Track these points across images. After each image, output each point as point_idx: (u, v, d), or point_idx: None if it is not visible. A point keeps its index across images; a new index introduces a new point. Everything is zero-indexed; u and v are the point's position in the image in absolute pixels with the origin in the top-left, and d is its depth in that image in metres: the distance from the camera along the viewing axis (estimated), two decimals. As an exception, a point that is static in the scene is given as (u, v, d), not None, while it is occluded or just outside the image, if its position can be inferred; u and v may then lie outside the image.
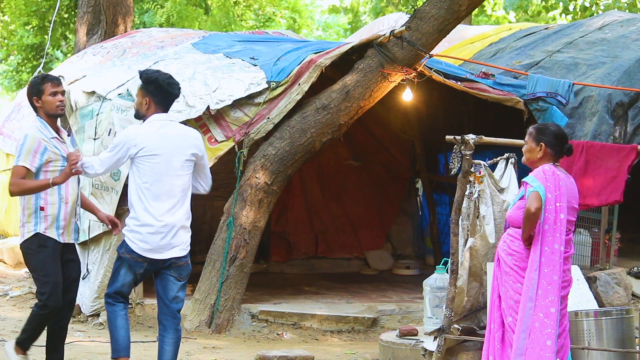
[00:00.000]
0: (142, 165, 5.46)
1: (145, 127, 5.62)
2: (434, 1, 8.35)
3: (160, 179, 5.45)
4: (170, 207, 5.47)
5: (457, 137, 6.68)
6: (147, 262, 5.48)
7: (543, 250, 5.27)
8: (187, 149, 5.56)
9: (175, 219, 5.49)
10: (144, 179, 5.46)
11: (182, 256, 5.55)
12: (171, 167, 5.48)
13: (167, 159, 5.47)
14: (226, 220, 8.51)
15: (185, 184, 5.56)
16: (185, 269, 5.59)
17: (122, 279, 5.53)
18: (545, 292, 5.24)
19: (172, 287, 5.54)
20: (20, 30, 19.64)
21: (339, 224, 12.07)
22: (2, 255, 11.03)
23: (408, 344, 6.96)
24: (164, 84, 5.56)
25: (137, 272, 5.52)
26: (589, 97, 10.30)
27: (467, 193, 6.67)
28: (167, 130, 5.55)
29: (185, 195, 5.57)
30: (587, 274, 8.51)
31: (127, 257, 5.50)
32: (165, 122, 5.59)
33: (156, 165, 5.45)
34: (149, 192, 5.45)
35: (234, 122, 8.47)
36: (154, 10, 18.66)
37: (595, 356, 5.85)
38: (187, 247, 5.58)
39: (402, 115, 11.64)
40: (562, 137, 5.50)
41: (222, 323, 8.33)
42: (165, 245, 5.46)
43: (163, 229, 5.44)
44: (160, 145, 5.48)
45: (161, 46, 10.28)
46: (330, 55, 8.73)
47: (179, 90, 5.66)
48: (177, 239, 5.49)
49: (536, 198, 5.23)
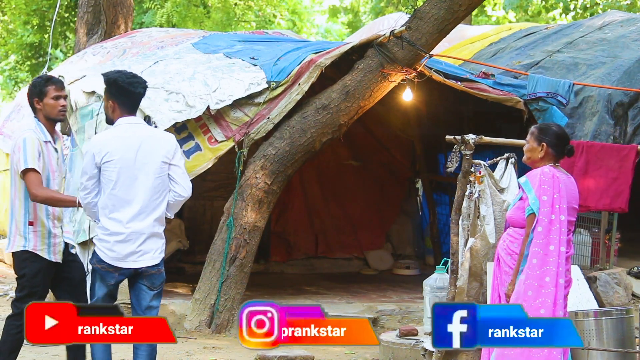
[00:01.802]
0: (106, 172, 5.19)
1: (109, 132, 5.39)
2: (434, 1, 8.35)
3: (124, 185, 5.17)
4: (137, 213, 5.19)
5: (457, 137, 6.69)
6: (118, 272, 5.23)
7: (536, 252, 5.28)
8: (154, 153, 5.23)
9: (144, 226, 5.21)
10: (109, 185, 5.19)
11: (154, 265, 5.27)
12: (136, 172, 5.18)
13: (130, 164, 5.18)
14: (226, 220, 8.51)
15: (155, 189, 5.23)
16: (158, 277, 5.31)
17: (97, 293, 5.29)
18: (536, 294, 5.24)
19: (144, 297, 5.28)
20: (20, 30, 19.66)
21: (339, 224, 12.07)
22: (2, 255, 11.02)
23: (408, 344, 6.96)
24: (124, 84, 5.24)
25: (109, 282, 5.25)
26: (589, 97, 10.30)
27: (467, 193, 6.68)
28: (132, 134, 5.24)
29: (157, 200, 5.25)
30: (587, 274, 8.51)
31: (97, 268, 5.26)
32: (132, 125, 5.28)
33: (119, 170, 5.16)
34: (115, 198, 5.19)
35: (234, 122, 8.47)
36: (154, 10, 18.67)
37: (595, 356, 5.86)
38: (159, 255, 5.31)
39: (402, 115, 11.64)
40: (563, 137, 5.50)
41: (222, 323, 8.34)
42: (134, 253, 5.20)
43: (131, 236, 5.18)
44: (123, 150, 5.17)
45: (161, 46, 10.28)
46: (330, 55, 8.74)
47: (143, 89, 5.32)
48: (147, 247, 5.23)
49: (530, 224, 5.31)
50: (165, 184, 5.28)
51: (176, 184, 5.30)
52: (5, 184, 11.78)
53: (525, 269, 5.30)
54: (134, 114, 5.34)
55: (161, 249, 5.32)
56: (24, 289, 5.58)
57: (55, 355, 7.03)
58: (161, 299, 5.44)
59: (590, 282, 8.49)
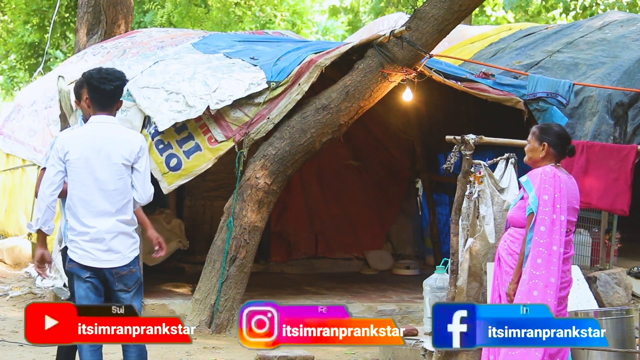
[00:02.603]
0: (69, 170, 5.15)
1: (76, 130, 5.37)
2: (434, 1, 8.35)
3: (84, 185, 5.12)
4: (98, 213, 5.12)
5: (457, 137, 6.69)
6: (90, 271, 5.17)
7: (540, 252, 5.28)
8: (114, 155, 5.14)
9: (109, 226, 5.13)
10: (71, 184, 5.16)
11: (124, 265, 5.18)
12: (94, 172, 5.12)
13: (89, 163, 5.12)
14: (226, 220, 8.51)
15: (117, 190, 5.14)
16: (131, 278, 5.22)
17: (77, 292, 5.23)
18: (543, 294, 5.24)
19: (122, 299, 5.21)
20: (20, 29, 19.67)
21: (339, 224, 12.07)
22: (2, 255, 11.03)
23: (408, 344, 6.96)
24: (94, 82, 5.19)
25: (85, 276, 5.17)
26: (589, 97, 10.30)
27: (467, 193, 6.68)
28: (97, 133, 5.18)
29: (121, 202, 5.17)
30: (587, 274, 8.51)
31: (70, 268, 5.23)
32: (100, 124, 5.22)
33: (79, 169, 5.12)
34: (77, 198, 5.15)
35: (234, 122, 8.47)
36: (155, 11, 18.69)
37: (595, 356, 5.86)
38: (128, 255, 5.20)
39: (402, 115, 11.64)
40: (565, 137, 5.51)
41: (222, 323, 8.34)
42: (101, 252, 5.13)
43: (97, 235, 5.12)
44: (82, 149, 5.12)
45: (161, 46, 10.29)
46: (330, 55, 8.74)
47: (113, 85, 5.21)
48: (114, 246, 5.15)
49: (530, 223, 5.32)
50: (128, 184, 5.20)
51: (134, 189, 5.22)
52: (6, 183, 11.79)
53: (528, 269, 5.28)
54: (108, 111, 5.26)
55: (131, 248, 5.23)
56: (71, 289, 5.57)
57: (55, 355, 7.03)
58: (141, 299, 5.37)
59: (590, 282, 8.50)
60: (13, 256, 10.97)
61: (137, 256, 5.29)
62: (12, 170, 11.68)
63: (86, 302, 5.17)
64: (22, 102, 12.33)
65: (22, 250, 11.00)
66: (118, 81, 5.24)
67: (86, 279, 5.20)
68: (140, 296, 5.35)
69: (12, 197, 11.61)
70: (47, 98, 11.51)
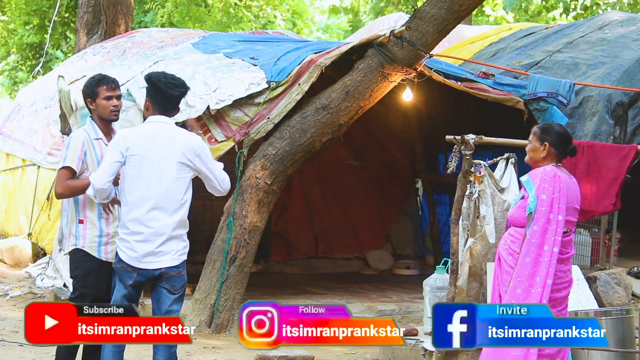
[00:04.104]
0: (126, 166, 5.16)
1: (136, 128, 5.37)
2: (434, 1, 8.35)
3: (144, 182, 5.13)
4: (156, 212, 5.13)
5: (457, 137, 6.69)
6: (136, 272, 5.17)
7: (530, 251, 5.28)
8: (174, 153, 5.17)
9: (164, 226, 5.13)
10: (127, 181, 5.17)
11: (173, 266, 5.19)
12: (156, 170, 5.13)
13: (151, 160, 5.13)
14: (226, 220, 8.51)
15: (177, 190, 5.18)
16: (179, 280, 5.22)
17: (115, 294, 5.22)
18: (526, 293, 5.24)
19: (165, 300, 5.21)
20: (20, 30, 19.67)
21: (339, 224, 12.07)
22: (2, 255, 11.03)
23: (408, 344, 6.96)
24: (160, 85, 5.22)
25: (127, 283, 5.18)
26: (589, 97, 10.30)
27: (467, 193, 6.68)
28: (156, 132, 5.20)
29: (178, 201, 5.19)
30: (587, 274, 8.52)
31: (117, 267, 5.22)
32: (159, 123, 5.24)
33: (140, 166, 5.13)
34: (135, 194, 5.14)
35: (234, 122, 8.47)
36: (155, 11, 18.69)
37: (595, 356, 5.86)
38: (179, 256, 5.21)
39: (402, 115, 11.64)
40: (566, 137, 5.50)
41: (222, 323, 8.34)
42: (153, 253, 5.13)
43: (151, 236, 5.12)
44: (145, 147, 5.14)
45: (161, 46, 10.29)
46: (330, 55, 8.74)
47: (179, 92, 5.27)
48: (166, 248, 5.15)
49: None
50: (187, 186, 5.24)
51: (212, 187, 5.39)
52: (6, 183, 11.79)
53: (517, 267, 5.30)
54: (168, 114, 5.30)
55: (182, 251, 5.23)
56: (75, 291, 5.54)
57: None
58: (182, 304, 5.33)
59: (590, 282, 8.50)
60: (13, 256, 10.97)
61: (185, 260, 5.27)
62: (12, 170, 11.68)
63: None
64: (22, 102, 12.33)
65: (22, 250, 10.99)
66: (183, 88, 5.30)
67: (127, 286, 5.19)
68: (182, 300, 5.31)
69: (12, 197, 11.61)
70: (47, 98, 11.51)
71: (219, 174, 5.44)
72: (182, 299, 5.30)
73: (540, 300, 5.21)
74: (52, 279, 9.53)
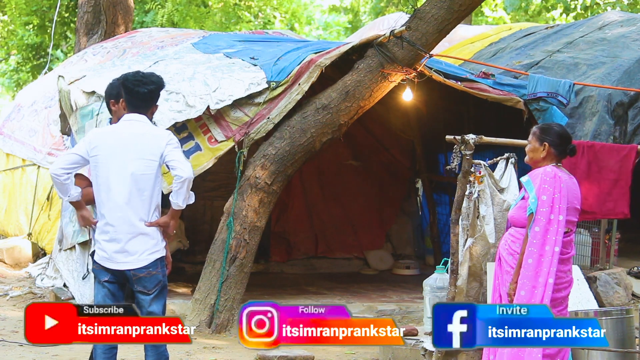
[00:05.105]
0: (96, 164, 5.15)
1: (106, 127, 5.37)
2: (434, 1, 8.35)
3: (108, 179, 5.11)
4: (121, 209, 5.09)
5: (457, 137, 6.69)
6: (109, 272, 5.15)
7: (531, 252, 5.28)
8: (142, 151, 5.12)
9: (129, 224, 5.09)
10: (94, 181, 5.15)
11: (142, 267, 5.12)
12: (120, 168, 5.10)
13: (115, 159, 5.11)
14: (226, 220, 8.51)
15: (142, 187, 5.13)
16: (150, 280, 5.14)
17: (96, 294, 5.22)
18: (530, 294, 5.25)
19: (142, 303, 5.14)
20: (20, 30, 19.67)
21: (339, 224, 12.07)
22: (2, 255, 11.03)
23: (408, 344, 6.96)
24: (127, 83, 5.21)
25: (103, 279, 5.15)
26: (589, 97, 10.30)
27: (467, 193, 6.68)
28: (122, 130, 5.18)
29: (143, 199, 5.13)
30: (587, 274, 8.51)
31: (93, 268, 5.24)
32: (131, 122, 5.21)
33: (103, 164, 5.11)
34: (101, 193, 5.14)
35: (234, 122, 8.47)
36: (156, 11, 18.70)
37: (595, 356, 5.86)
38: (147, 256, 5.13)
39: (402, 115, 11.64)
40: (566, 137, 5.50)
41: (222, 323, 8.34)
42: (120, 252, 5.10)
43: (116, 235, 5.09)
44: (109, 145, 5.13)
45: (161, 46, 10.29)
46: (330, 55, 8.74)
47: (147, 89, 5.21)
48: (132, 247, 5.10)
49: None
50: (152, 182, 5.17)
51: (173, 169, 5.15)
52: (6, 183, 11.79)
53: (520, 269, 5.30)
54: (141, 112, 5.27)
55: (151, 249, 5.16)
56: None
57: (55, 355, 7.04)
58: (164, 303, 5.28)
59: (590, 282, 8.50)
60: (13, 256, 10.98)
61: (159, 258, 5.20)
62: (12, 170, 11.68)
63: None
64: (22, 102, 12.34)
65: (22, 250, 11.00)
66: (153, 85, 5.26)
67: (104, 283, 5.18)
68: (162, 299, 5.25)
69: (12, 197, 11.62)
70: (47, 98, 11.52)
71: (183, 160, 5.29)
72: (160, 299, 5.23)
73: (543, 299, 5.22)
74: (52, 279, 9.54)
